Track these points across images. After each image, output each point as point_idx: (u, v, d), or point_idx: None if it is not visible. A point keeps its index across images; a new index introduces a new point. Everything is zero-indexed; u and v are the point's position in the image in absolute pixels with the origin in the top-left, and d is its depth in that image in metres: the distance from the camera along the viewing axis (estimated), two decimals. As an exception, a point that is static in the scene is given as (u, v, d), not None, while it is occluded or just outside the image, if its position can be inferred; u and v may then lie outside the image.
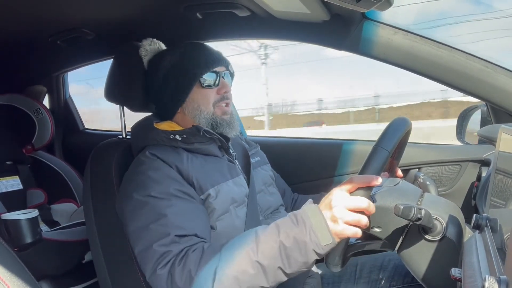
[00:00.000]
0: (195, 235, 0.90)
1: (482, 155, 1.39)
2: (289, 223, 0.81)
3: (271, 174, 1.24)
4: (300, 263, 0.79)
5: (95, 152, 1.16)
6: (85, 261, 1.56)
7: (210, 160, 1.06)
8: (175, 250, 0.86)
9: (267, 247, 0.79)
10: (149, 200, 0.93)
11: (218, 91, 1.10)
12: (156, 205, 0.92)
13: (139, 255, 0.91)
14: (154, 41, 1.17)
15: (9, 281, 0.60)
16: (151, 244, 0.88)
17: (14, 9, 1.26)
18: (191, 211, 0.94)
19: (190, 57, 1.10)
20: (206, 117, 1.09)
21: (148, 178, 0.96)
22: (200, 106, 1.09)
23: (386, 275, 1.13)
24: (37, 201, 1.83)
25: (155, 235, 0.88)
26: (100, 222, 1.12)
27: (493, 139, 0.98)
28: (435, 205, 0.84)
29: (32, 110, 1.95)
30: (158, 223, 0.89)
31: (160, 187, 0.94)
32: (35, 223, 1.42)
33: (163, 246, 0.87)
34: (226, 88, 1.11)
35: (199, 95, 1.09)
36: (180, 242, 0.87)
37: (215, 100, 1.10)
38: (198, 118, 1.09)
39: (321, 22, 1.23)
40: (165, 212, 0.90)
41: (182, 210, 0.93)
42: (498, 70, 1.15)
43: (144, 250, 0.89)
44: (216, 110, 1.10)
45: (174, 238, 0.87)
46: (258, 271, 0.79)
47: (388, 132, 0.87)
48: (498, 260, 0.52)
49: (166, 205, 0.92)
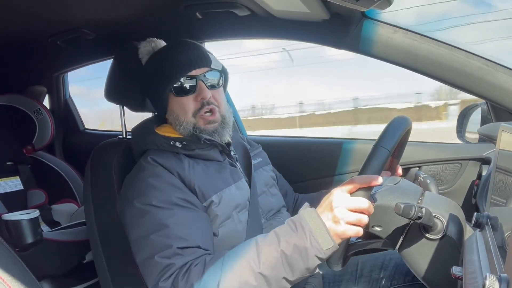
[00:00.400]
0: (198, 246, 0.88)
1: (483, 153, 1.39)
2: (288, 230, 0.80)
3: (272, 175, 1.23)
4: (303, 269, 0.79)
5: (95, 152, 1.16)
6: (86, 261, 1.56)
7: (212, 165, 1.04)
8: (178, 263, 0.84)
9: (269, 257, 0.79)
10: (150, 209, 0.91)
11: (195, 98, 1.01)
12: (157, 214, 0.90)
13: (140, 264, 0.90)
14: (149, 40, 1.14)
15: (10, 282, 0.60)
16: (153, 255, 0.86)
17: (14, 9, 1.26)
18: (193, 221, 0.92)
19: (165, 63, 1.03)
20: (186, 128, 1.01)
21: (149, 185, 0.94)
22: (179, 116, 1.02)
23: (387, 274, 1.13)
24: (38, 202, 1.84)
25: (157, 246, 0.87)
26: (100, 222, 1.12)
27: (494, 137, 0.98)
28: (436, 204, 0.84)
29: (32, 111, 1.95)
30: (160, 233, 0.88)
31: (161, 195, 0.92)
32: (36, 223, 1.42)
33: (166, 259, 0.85)
34: (203, 94, 1.00)
35: (175, 104, 1.03)
36: (183, 255, 0.86)
37: (195, 109, 1.01)
38: (178, 128, 1.03)
39: (321, 21, 1.23)
40: (167, 222, 0.89)
41: (184, 220, 0.91)
42: (498, 69, 1.15)
43: (145, 260, 0.88)
44: (198, 120, 1.02)
45: (177, 250, 0.86)
46: (261, 282, 0.79)
47: (388, 131, 0.87)
48: (499, 258, 0.52)
49: (168, 215, 0.90)
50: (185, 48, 1.05)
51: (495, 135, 0.89)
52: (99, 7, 1.27)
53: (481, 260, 0.56)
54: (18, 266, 0.66)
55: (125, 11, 1.30)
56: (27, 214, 1.41)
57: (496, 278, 0.44)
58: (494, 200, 0.78)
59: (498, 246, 0.56)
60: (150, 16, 1.35)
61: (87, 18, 1.37)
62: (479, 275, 0.53)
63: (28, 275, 0.66)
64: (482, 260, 0.56)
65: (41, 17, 1.35)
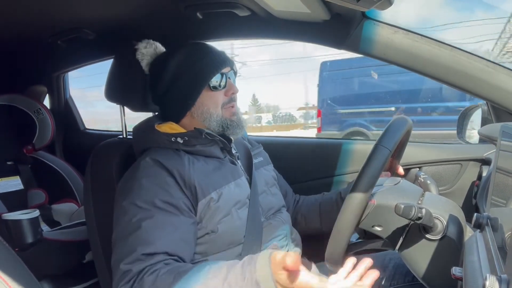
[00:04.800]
0: (164, 253, 0.88)
1: (483, 154, 1.39)
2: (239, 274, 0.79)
3: (273, 174, 1.24)
4: None
5: (95, 152, 1.16)
6: (85, 261, 1.56)
7: (212, 162, 1.05)
8: (135, 269, 0.85)
9: None
10: (131, 208, 0.92)
11: (226, 93, 1.09)
12: (136, 215, 0.91)
13: (111, 265, 0.92)
14: (150, 42, 1.15)
15: (10, 281, 0.60)
16: (120, 260, 0.88)
17: (14, 9, 1.26)
18: (169, 226, 0.92)
19: (197, 59, 1.08)
20: (217, 120, 1.07)
21: (139, 185, 0.95)
22: (210, 109, 1.08)
23: (387, 274, 1.13)
24: (38, 201, 1.84)
25: (126, 250, 0.89)
26: (100, 222, 1.12)
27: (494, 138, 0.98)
28: (436, 204, 0.84)
29: (32, 110, 1.95)
30: (133, 235, 0.89)
31: (145, 195, 0.93)
32: (36, 223, 1.42)
33: (127, 264, 0.86)
34: (233, 89, 1.10)
35: (207, 98, 1.08)
36: (144, 261, 0.86)
37: (224, 102, 1.09)
38: (208, 121, 1.07)
39: (321, 22, 1.23)
40: (141, 223, 0.90)
41: (160, 223, 0.91)
42: (498, 69, 1.15)
43: (114, 262, 0.91)
44: (225, 113, 1.09)
45: (140, 256, 0.87)
46: None
47: (389, 131, 0.87)
48: (499, 259, 0.52)
49: (145, 217, 0.91)
50: (212, 48, 1.13)
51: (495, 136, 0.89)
52: (99, 7, 1.27)
53: (481, 261, 0.56)
54: (18, 265, 0.66)
55: (126, 11, 1.30)
56: (27, 214, 1.41)
57: (496, 279, 0.44)
58: (494, 201, 0.78)
59: (498, 246, 0.56)
60: (151, 16, 1.35)
61: (87, 17, 1.37)
62: (479, 275, 0.53)
63: (28, 274, 0.66)
64: (482, 260, 0.56)
65: (42, 17, 1.35)
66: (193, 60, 1.08)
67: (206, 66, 1.07)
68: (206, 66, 1.07)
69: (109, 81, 1.23)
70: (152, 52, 1.14)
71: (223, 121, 1.08)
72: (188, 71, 1.08)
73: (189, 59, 1.09)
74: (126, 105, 1.25)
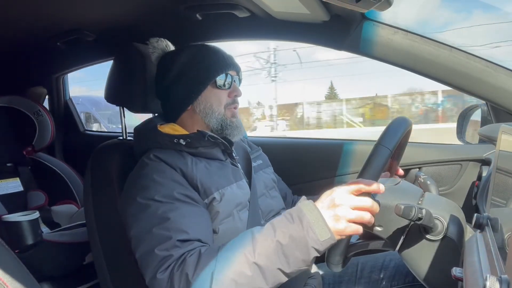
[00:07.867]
0: (198, 240, 0.89)
1: (483, 154, 1.39)
2: (284, 221, 0.80)
3: (273, 177, 1.24)
4: (300, 261, 0.79)
5: (95, 154, 1.16)
6: (86, 263, 1.56)
7: (214, 164, 1.05)
8: (176, 255, 0.85)
9: (264, 248, 0.79)
10: (152, 204, 0.92)
11: (230, 94, 1.12)
12: (159, 208, 0.91)
13: (140, 258, 0.90)
14: (161, 39, 1.18)
15: (10, 283, 0.60)
16: (153, 248, 0.87)
17: (14, 11, 1.27)
18: (195, 215, 0.93)
19: (205, 57, 1.11)
20: (217, 118, 1.09)
21: (152, 181, 0.95)
22: (213, 105, 1.09)
23: (387, 275, 1.13)
24: (38, 203, 1.84)
25: (157, 239, 0.87)
26: (101, 224, 1.12)
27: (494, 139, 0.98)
28: (436, 205, 0.84)
29: (32, 112, 1.95)
30: (161, 226, 0.89)
31: (163, 190, 0.93)
32: (36, 224, 1.42)
33: (164, 251, 0.86)
34: (237, 92, 1.13)
35: (212, 95, 1.10)
36: (181, 247, 0.86)
37: (227, 102, 1.11)
38: (209, 118, 1.09)
39: (320, 23, 1.23)
40: (169, 215, 0.90)
41: (186, 214, 0.92)
42: (498, 70, 1.15)
43: (145, 253, 0.89)
44: (227, 112, 1.11)
45: (176, 242, 0.86)
46: (256, 273, 0.78)
47: (389, 131, 0.87)
48: (499, 260, 0.52)
49: (170, 209, 0.91)
50: (221, 50, 1.15)
51: (495, 136, 0.89)
52: (99, 9, 1.27)
53: (482, 262, 0.56)
54: (18, 267, 0.66)
55: (126, 12, 1.31)
56: (27, 216, 1.41)
57: (497, 279, 0.44)
58: (495, 201, 0.78)
59: (498, 247, 0.56)
60: (151, 17, 1.35)
61: (87, 19, 1.37)
62: (480, 276, 0.53)
63: (28, 276, 0.66)
64: (483, 261, 0.56)
65: (42, 19, 1.35)
66: (203, 57, 1.11)
67: (214, 64, 1.10)
68: (214, 64, 1.10)
69: (109, 82, 1.23)
70: (163, 47, 1.17)
71: (223, 120, 1.09)
72: (197, 66, 1.10)
73: (199, 55, 1.11)
74: (126, 106, 1.25)
